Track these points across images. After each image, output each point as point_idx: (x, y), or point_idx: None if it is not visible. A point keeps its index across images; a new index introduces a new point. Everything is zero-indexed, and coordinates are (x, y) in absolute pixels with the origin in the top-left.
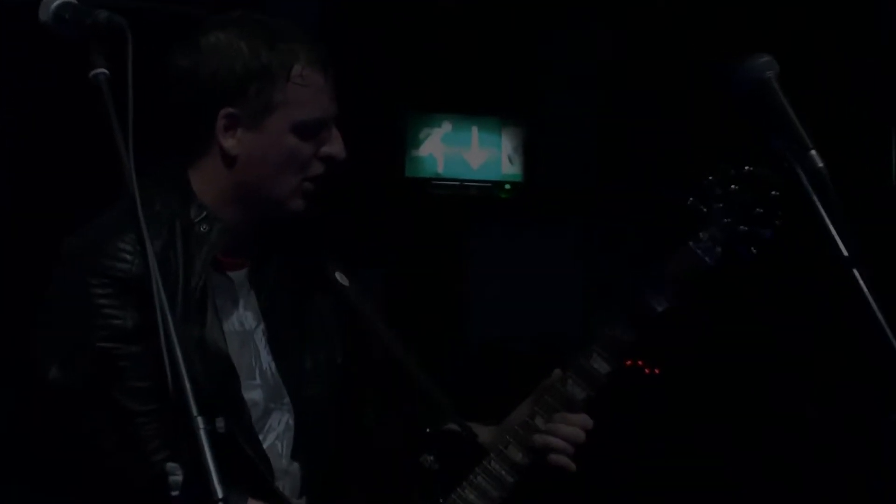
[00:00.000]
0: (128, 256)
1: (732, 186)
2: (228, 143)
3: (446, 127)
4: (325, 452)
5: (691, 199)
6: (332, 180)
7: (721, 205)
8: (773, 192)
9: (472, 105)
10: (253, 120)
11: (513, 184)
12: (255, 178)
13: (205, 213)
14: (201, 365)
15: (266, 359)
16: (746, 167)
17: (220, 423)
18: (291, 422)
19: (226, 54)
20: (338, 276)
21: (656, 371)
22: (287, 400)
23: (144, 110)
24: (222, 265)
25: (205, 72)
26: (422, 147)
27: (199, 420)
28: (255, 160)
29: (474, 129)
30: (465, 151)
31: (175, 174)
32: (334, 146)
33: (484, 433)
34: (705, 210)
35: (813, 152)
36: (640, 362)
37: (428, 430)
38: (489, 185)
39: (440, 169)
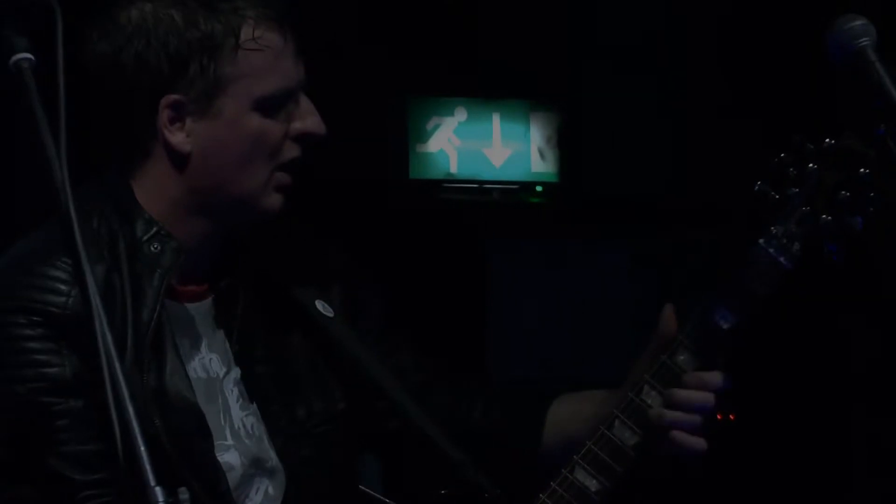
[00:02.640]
0: (62, 287)
1: (811, 165)
2: (177, 138)
3: (460, 115)
4: None
5: (759, 183)
6: (316, 185)
7: (797, 189)
8: (863, 171)
9: (492, 86)
10: (202, 104)
11: (545, 185)
12: (216, 176)
13: (155, 230)
14: (161, 421)
15: (238, 414)
16: (827, 140)
17: (183, 495)
18: (272, 490)
19: (154, 29)
20: (318, 304)
21: (731, 417)
22: (270, 464)
23: (81, 105)
24: (179, 295)
25: (130, 56)
26: (430, 141)
27: (158, 491)
28: (213, 154)
29: (495, 118)
30: (485, 146)
31: (115, 185)
32: (308, 120)
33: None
34: (777, 197)
35: None
36: None
37: (443, 491)
38: (515, 187)
39: (453, 168)
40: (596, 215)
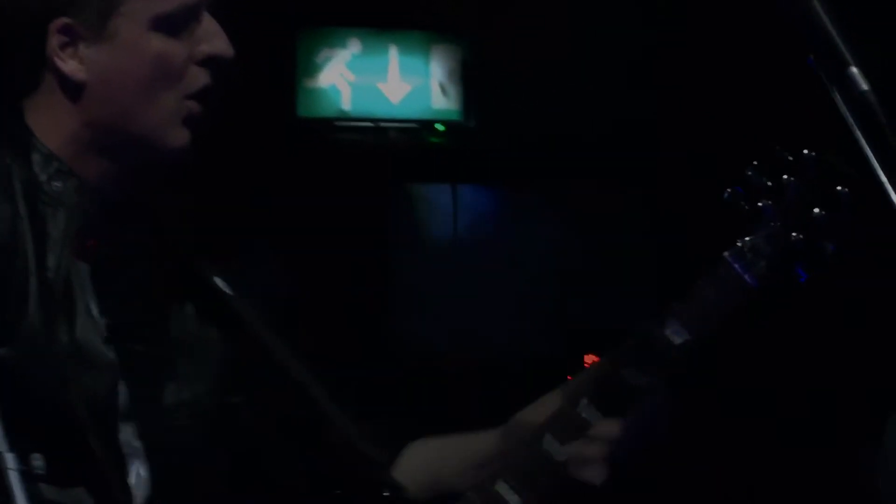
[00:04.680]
0: None
1: (786, 178)
2: (69, 66)
3: (353, 46)
4: None
5: (728, 191)
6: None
7: (770, 202)
8: (840, 189)
9: (387, 15)
10: (96, 27)
11: (447, 124)
12: (116, 106)
13: (56, 165)
14: (76, 383)
15: None
16: (806, 151)
17: (37, 461)
18: (143, 472)
19: None
20: (217, 281)
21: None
22: (135, 444)
23: None
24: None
25: None
26: (320, 76)
27: (10, 458)
28: (111, 81)
29: (392, 50)
30: (381, 81)
31: (3, 118)
32: (215, 42)
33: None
34: (748, 209)
35: (853, 70)
36: None
37: (338, 492)
38: (415, 126)
39: (346, 105)
40: (504, 157)
